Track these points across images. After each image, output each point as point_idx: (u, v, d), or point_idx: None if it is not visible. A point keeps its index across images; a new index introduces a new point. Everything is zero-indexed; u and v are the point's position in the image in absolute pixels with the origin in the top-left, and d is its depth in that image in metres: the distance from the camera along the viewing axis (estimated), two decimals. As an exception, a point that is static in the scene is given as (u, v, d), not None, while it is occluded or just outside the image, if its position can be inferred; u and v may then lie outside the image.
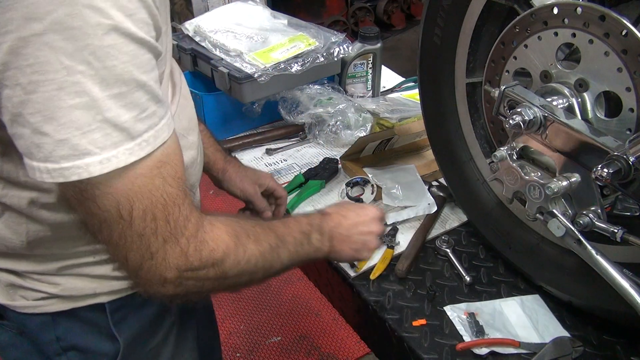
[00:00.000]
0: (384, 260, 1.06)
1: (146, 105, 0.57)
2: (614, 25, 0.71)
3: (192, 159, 0.82)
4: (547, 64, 0.83)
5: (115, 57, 0.53)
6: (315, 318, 2.33)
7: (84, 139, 0.53)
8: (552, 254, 0.94)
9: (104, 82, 0.53)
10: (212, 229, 0.68)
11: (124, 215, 0.58)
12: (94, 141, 0.54)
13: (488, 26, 0.96)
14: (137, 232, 0.60)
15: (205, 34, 1.53)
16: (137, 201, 0.58)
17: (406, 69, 2.07)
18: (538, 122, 0.80)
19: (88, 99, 0.52)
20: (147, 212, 0.59)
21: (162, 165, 0.60)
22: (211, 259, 0.67)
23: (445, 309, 0.96)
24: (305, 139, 1.49)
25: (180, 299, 0.69)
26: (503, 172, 0.88)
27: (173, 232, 0.62)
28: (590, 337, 0.91)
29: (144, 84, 0.56)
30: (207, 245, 0.66)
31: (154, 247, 0.61)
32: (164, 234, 0.61)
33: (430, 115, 1.13)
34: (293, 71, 1.40)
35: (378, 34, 1.56)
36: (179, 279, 0.65)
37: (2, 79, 0.52)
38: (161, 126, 0.59)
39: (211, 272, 0.68)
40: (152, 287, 0.65)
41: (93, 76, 0.52)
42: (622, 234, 0.74)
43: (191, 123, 0.84)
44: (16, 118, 0.53)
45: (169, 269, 0.63)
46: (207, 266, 0.67)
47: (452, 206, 1.21)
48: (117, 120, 0.54)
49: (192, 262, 0.65)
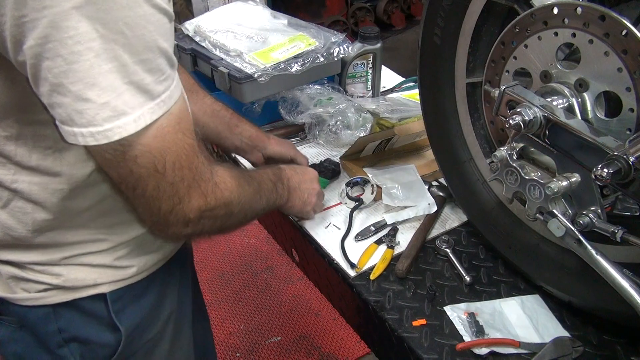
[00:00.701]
0: (384, 260, 1.06)
1: (165, 69, 0.62)
2: (614, 25, 0.71)
3: None
4: (547, 64, 0.83)
5: (144, 27, 0.58)
6: (315, 318, 2.33)
7: (119, 100, 0.58)
8: (552, 254, 0.94)
9: (133, 49, 0.58)
10: (221, 173, 0.76)
11: (159, 168, 0.64)
12: (126, 102, 0.59)
13: (488, 26, 0.96)
14: (169, 181, 0.66)
15: (205, 34, 1.53)
16: (168, 154, 0.65)
17: (406, 69, 2.07)
18: (538, 122, 0.80)
19: (119, 64, 0.57)
20: (175, 163, 0.66)
21: (180, 120, 0.66)
22: (223, 199, 0.75)
23: (445, 309, 0.96)
24: (305, 139, 1.49)
25: (193, 238, 0.83)
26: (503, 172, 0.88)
27: (196, 177, 0.70)
28: (590, 337, 0.91)
29: (165, 50, 0.61)
30: (219, 187, 0.75)
31: (182, 192, 0.68)
32: (189, 180, 0.68)
33: (430, 115, 1.13)
34: (293, 71, 1.40)
35: (378, 34, 1.56)
36: (199, 218, 0.72)
37: (43, 51, 0.55)
38: (174, 86, 0.64)
39: (222, 211, 0.76)
40: (177, 228, 0.72)
41: (125, 44, 0.57)
42: (622, 234, 0.74)
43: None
44: (57, 88, 0.57)
45: (192, 210, 0.71)
46: (220, 206, 0.75)
47: (452, 206, 1.21)
48: (141, 82, 0.59)
49: (210, 202, 0.73)
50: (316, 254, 1.14)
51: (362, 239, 1.13)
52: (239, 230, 2.84)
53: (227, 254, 2.71)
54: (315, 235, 1.15)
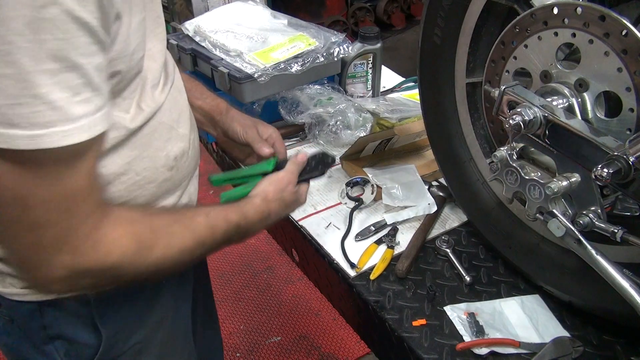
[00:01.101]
0: (384, 260, 1.06)
1: (79, 89, 0.54)
2: (614, 25, 0.71)
3: (181, 151, 0.83)
4: (547, 64, 0.83)
5: (49, 32, 0.51)
6: (315, 318, 2.33)
7: (11, 110, 0.51)
8: (552, 254, 0.94)
9: (35, 55, 0.50)
10: (113, 230, 0.64)
11: (25, 198, 0.55)
12: (22, 115, 0.51)
13: (488, 26, 0.96)
14: (32, 221, 0.57)
15: (205, 34, 1.53)
16: (42, 187, 0.56)
17: (406, 69, 2.07)
18: (538, 122, 0.80)
19: (17, 70, 0.50)
20: (47, 202, 0.56)
21: (81, 156, 0.57)
22: (103, 262, 0.63)
23: (445, 309, 0.96)
24: (305, 139, 1.49)
25: (77, 292, 0.69)
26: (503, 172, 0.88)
27: (68, 227, 0.59)
28: (590, 337, 0.91)
29: (79, 66, 0.54)
30: (101, 247, 0.62)
31: (45, 242, 0.58)
32: (58, 228, 0.58)
33: (430, 115, 1.13)
34: (293, 71, 1.40)
35: (378, 34, 1.56)
36: (69, 278, 0.61)
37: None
38: (97, 117, 0.57)
39: (106, 274, 0.65)
40: (39, 283, 0.63)
41: (24, 48, 0.50)
42: (622, 234, 0.74)
43: (182, 116, 0.85)
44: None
45: (57, 267, 0.60)
46: (99, 268, 0.63)
47: (452, 206, 1.21)
48: (48, 97, 0.52)
49: (81, 263, 0.61)
50: (316, 254, 1.14)
51: (362, 239, 1.13)
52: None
53: (227, 254, 2.71)
54: (316, 235, 1.15)
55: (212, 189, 1.16)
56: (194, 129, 0.91)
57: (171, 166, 0.81)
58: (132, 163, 0.75)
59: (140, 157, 0.75)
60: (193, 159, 0.89)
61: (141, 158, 0.76)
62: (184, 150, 0.84)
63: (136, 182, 0.76)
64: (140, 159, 0.76)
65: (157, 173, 0.79)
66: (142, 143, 0.75)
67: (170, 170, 0.81)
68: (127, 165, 0.74)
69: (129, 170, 0.75)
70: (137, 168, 0.75)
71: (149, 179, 0.78)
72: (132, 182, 0.76)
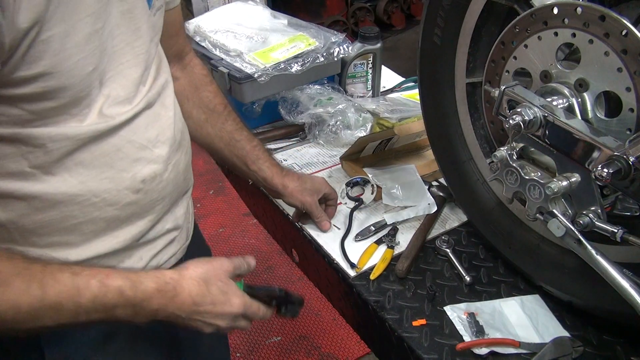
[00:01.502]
0: (384, 260, 1.06)
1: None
2: (614, 25, 0.71)
3: (152, 174, 0.78)
4: (547, 64, 0.83)
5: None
6: (315, 318, 2.33)
7: None
8: (552, 254, 0.94)
9: None
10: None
11: None
12: None
13: (488, 26, 0.96)
14: None
15: (205, 34, 1.53)
16: None
17: (406, 69, 2.07)
18: (538, 122, 0.80)
19: None
20: None
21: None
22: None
23: (445, 309, 0.96)
24: (305, 139, 1.49)
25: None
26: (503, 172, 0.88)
27: None
28: (590, 337, 0.91)
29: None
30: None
31: None
32: None
33: (430, 115, 1.13)
34: (293, 71, 1.41)
35: (378, 34, 1.56)
36: None
37: None
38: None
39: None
40: None
41: None
42: (622, 234, 0.74)
43: (163, 136, 0.80)
44: None
45: None
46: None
47: (452, 206, 1.21)
48: None
49: None
50: (316, 254, 1.14)
51: (362, 239, 1.13)
52: (239, 230, 2.84)
53: (227, 254, 2.71)
54: (316, 236, 1.15)
55: (212, 189, 1.15)
56: (183, 151, 0.87)
57: (137, 189, 0.77)
58: (89, 183, 0.71)
59: (98, 178, 0.72)
60: (171, 182, 0.83)
61: (100, 179, 0.72)
62: (157, 173, 0.79)
63: (94, 203, 0.72)
64: (98, 180, 0.72)
65: (119, 196, 0.75)
66: (103, 162, 0.72)
67: (135, 194, 0.76)
68: (82, 185, 0.71)
69: (85, 191, 0.71)
70: (94, 189, 0.72)
71: (109, 201, 0.74)
72: (89, 204, 0.72)
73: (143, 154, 0.76)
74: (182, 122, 0.89)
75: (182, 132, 0.88)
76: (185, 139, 0.89)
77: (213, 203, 3.02)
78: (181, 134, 0.86)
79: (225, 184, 2.96)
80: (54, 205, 0.70)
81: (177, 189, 0.87)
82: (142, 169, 0.77)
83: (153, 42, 0.79)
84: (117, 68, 0.71)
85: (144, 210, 0.79)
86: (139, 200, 0.77)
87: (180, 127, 0.87)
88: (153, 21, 0.78)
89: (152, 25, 0.78)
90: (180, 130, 0.86)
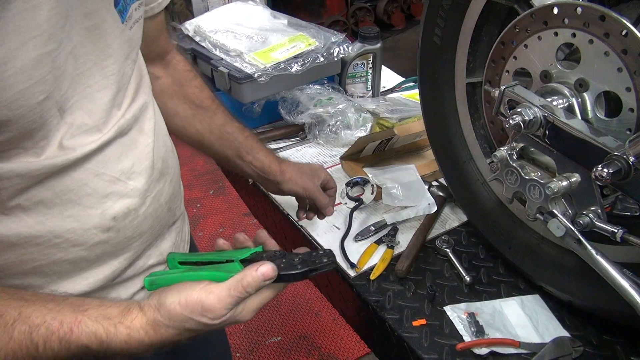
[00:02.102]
0: (384, 260, 1.06)
1: None
2: (614, 25, 0.71)
3: (125, 210, 0.70)
4: (547, 64, 0.83)
5: None
6: (315, 318, 2.33)
7: None
8: (552, 254, 0.94)
9: None
10: None
11: None
12: None
13: (488, 26, 0.96)
14: None
15: (205, 34, 1.53)
16: None
17: (406, 69, 2.07)
18: (538, 122, 0.80)
19: None
20: None
21: None
22: None
23: (445, 309, 0.96)
24: (305, 139, 1.49)
25: None
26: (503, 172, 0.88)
27: None
28: (590, 337, 0.91)
29: None
30: None
31: None
32: None
33: (430, 115, 1.13)
34: (293, 71, 1.41)
35: (378, 34, 1.56)
36: None
37: None
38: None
39: None
40: None
41: None
42: (622, 234, 0.74)
43: (140, 166, 0.72)
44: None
45: None
46: None
47: (452, 206, 1.21)
48: None
49: None
50: (316, 254, 1.14)
51: (362, 239, 1.13)
52: (239, 230, 2.84)
53: (227, 254, 2.71)
54: (316, 236, 1.15)
55: (212, 189, 1.15)
56: (166, 180, 0.78)
57: (107, 227, 0.68)
58: (49, 223, 0.63)
59: (60, 217, 0.64)
60: (151, 216, 0.74)
61: (62, 217, 0.64)
62: (131, 208, 0.70)
63: (55, 244, 0.65)
64: (60, 219, 0.64)
65: (86, 235, 0.66)
66: (65, 199, 0.64)
67: (105, 232, 0.68)
68: (40, 226, 0.63)
69: (45, 232, 0.63)
70: (56, 229, 0.64)
71: (74, 242, 0.66)
72: (50, 245, 0.64)
73: (115, 188, 0.68)
74: (166, 148, 0.80)
75: (165, 159, 0.78)
76: (171, 166, 0.81)
77: (213, 203, 3.02)
78: (162, 162, 0.77)
79: (225, 184, 2.96)
80: (7, 247, 0.63)
81: (160, 223, 0.78)
82: (113, 204, 0.68)
83: (129, 59, 0.70)
84: (82, 92, 0.63)
85: (117, 249, 0.71)
86: (110, 239, 0.69)
87: (162, 153, 0.78)
88: (128, 36, 0.69)
89: (126, 40, 0.69)
90: (161, 158, 0.77)
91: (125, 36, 0.68)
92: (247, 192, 1.47)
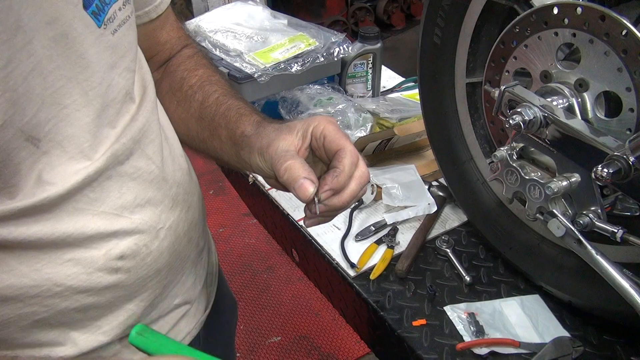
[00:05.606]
0: (384, 260, 1.06)
1: None
2: (614, 25, 0.71)
3: (133, 247, 0.61)
4: (547, 64, 0.83)
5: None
6: (315, 318, 2.33)
7: None
8: (552, 254, 0.94)
9: None
10: None
11: None
12: None
13: (488, 26, 0.96)
14: None
15: (205, 34, 1.53)
16: None
17: (406, 69, 2.07)
18: (538, 122, 0.80)
19: None
20: None
21: None
22: None
23: (445, 309, 0.96)
24: (305, 139, 1.49)
25: None
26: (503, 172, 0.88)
27: None
28: (590, 337, 0.91)
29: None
30: None
31: None
32: None
33: (430, 115, 1.13)
34: (293, 71, 1.41)
35: (378, 34, 1.56)
36: None
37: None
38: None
39: None
40: None
41: None
42: (622, 234, 0.74)
43: (145, 197, 0.62)
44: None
45: None
46: None
47: (452, 206, 1.21)
48: None
49: None
50: (316, 254, 1.14)
51: (362, 239, 1.13)
52: (239, 230, 2.84)
53: (227, 254, 2.71)
54: (316, 235, 1.15)
55: (212, 189, 1.14)
56: (183, 208, 0.68)
57: (115, 268, 0.60)
58: (45, 270, 0.55)
59: (58, 262, 0.56)
60: (167, 250, 0.65)
61: (60, 262, 0.56)
62: (140, 245, 0.62)
63: (57, 293, 0.57)
64: (57, 264, 0.56)
65: (90, 280, 0.58)
66: (59, 242, 0.55)
67: (113, 274, 0.60)
68: (35, 274, 0.55)
69: (42, 281, 0.55)
70: (54, 276, 0.56)
71: (78, 288, 0.58)
72: (51, 294, 0.57)
73: (117, 225, 0.59)
74: (182, 172, 0.69)
75: (181, 184, 0.68)
76: (188, 191, 0.69)
77: (213, 203, 3.02)
78: (177, 188, 0.67)
79: (225, 183, 2.96)
80: (2, 302, 0.55)
81: (179, 257, 0.69)
82: (118, 242, 0.59)
83: (117, 68, 0.59)
84: (59, 114, 0.53)
85: (131, 291, 0.63)
86: (120, 281, 0.61)
87: (178, 178, 0.67)
88: (111, 41, 0.58)
89: (109, 46, 0.58)
90: (176, 184, 0.66)
91: (106, 42, 0.57)
92: (247, 192, 1.47)
